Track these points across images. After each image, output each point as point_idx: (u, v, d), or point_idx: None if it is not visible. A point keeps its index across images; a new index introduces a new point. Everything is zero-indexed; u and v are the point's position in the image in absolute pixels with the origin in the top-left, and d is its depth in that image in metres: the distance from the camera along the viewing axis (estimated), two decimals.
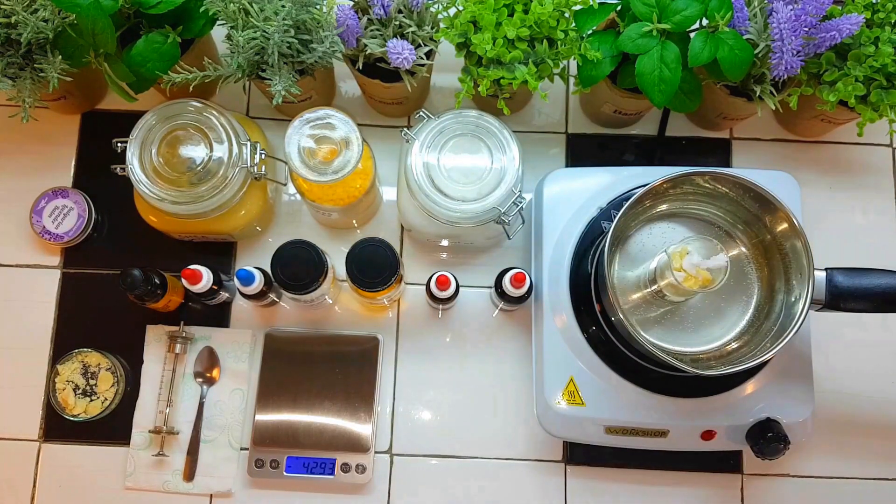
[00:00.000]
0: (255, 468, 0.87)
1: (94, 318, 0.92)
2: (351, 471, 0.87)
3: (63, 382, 0.89)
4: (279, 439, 0.88)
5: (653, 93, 0.78)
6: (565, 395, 0.80)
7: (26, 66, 0.79)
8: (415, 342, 0.92)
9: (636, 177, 0.84)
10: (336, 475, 0.87)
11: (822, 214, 0.96)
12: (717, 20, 0.77)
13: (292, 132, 0.76)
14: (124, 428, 0.89)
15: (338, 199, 0.83)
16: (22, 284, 0.93)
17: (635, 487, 0.89)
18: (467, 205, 0.77)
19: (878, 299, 0.72)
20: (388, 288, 0.79)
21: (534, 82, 0.78)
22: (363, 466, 0.87)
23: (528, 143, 0.96)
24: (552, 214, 0.85)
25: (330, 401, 0.89)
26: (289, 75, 0.77)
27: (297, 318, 0.93)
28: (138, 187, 0.79)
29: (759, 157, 0.98)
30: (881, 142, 0.99)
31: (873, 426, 0.92)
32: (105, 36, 0.76)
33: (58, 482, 0.89)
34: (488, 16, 0.76)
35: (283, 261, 0.78)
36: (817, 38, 0.77)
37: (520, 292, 0.81)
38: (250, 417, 0.89)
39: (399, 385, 0.91)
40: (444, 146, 0.79)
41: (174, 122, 0.80)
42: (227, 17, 0.76)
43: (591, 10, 0.80)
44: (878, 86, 0.79)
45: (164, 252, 0.93)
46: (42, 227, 0.92)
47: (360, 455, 0.87)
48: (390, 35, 0.80)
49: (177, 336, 0.90)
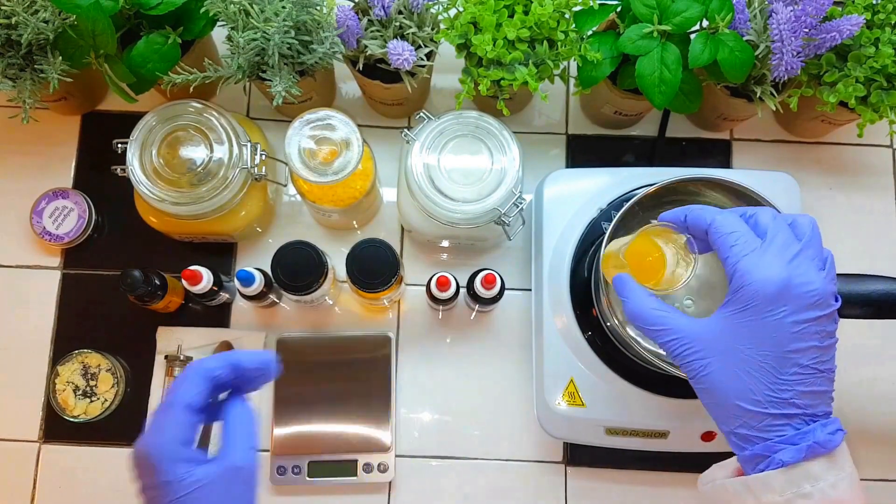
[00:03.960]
0: (276, 475, 0.87)
1: (94, 319, 0.92)
2: (373, 470, 0.87)
3: (63, 383, 0.89)
4: (299, 446, 0.88)
5: (653, 94, 0.78)
6: (565, 396, 0.80)
7: (27, 67, 0.79)
8: (415, 343, 0.92)
9: (636, 178, 0.84)
10: (358, 476, 0.87)
11: (822, 215, 0.96)
12: (718, 22, 0.77)
13: (292, 133, 0.76)
14: (124, 429, 0.89)
15: (338, 199, 0.83)
16: (22, 285, 0.93)
17: (635, 488, 0.89)
18: (467, 206, 0.77)
19: (874, 305, 0.72)
20: (388, 289, 0.79)
21: (534, 83, 0.78)
22: (385, 465, 0.87)
23: (529, 143, 0.96)
24: (552, 215, 0.85)
25: (347, 402, 0.89)
26: (289, 76, 0.77)
27: (298, 320, 0.93)
28: (138, 188, 0.79)
29: (760, 158, 0.98)
30: (881, 143, 0.99)
31: (873, 427, 0.92)
32: (105, 37, 0.76)
33: (58, 483, 0.89)
34: (488, 17, 0.76)
35: (283, 262, 0.78)
36: (817, 39, 0.77)
37: (491, 293, 0.81)
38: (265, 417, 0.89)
39: (399, 386, 0.91)
40: (445, 147, 0.79)
41: (174, 123, 0.80)
42: (227, 18, 0.76)
43: (592, 11, 0.80)
44: (878, 87, 0.79)
45: (164, 253, 0.93)
46: (42, 228, 0.92)
47: (381, 454, 0.87)
48: (391, 36, 0.80)
49: (175, 359, 0.89)
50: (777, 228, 0.54)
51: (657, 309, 0.56)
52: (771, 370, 0.51)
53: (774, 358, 0.51)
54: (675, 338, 0.54)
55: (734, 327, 0.52)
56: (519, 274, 0.93)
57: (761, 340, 0.51)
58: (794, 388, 0.51)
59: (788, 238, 0.53)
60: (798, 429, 0.51)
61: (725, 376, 0.52)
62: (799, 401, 0.51)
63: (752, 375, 0.51)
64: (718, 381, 0.52)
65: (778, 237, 0.53)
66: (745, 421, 0.52)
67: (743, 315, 0.52)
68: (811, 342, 0.51)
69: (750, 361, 0.51)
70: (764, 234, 0.54)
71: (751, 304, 0.51)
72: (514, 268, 0.93)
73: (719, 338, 0.52)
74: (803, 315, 0.51)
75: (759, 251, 0.52)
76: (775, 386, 0.51)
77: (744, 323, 0.52)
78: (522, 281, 0.93)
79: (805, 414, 0.51)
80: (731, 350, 0.52)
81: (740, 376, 0.52)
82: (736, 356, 0.52)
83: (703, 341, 0.53)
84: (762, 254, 0.52)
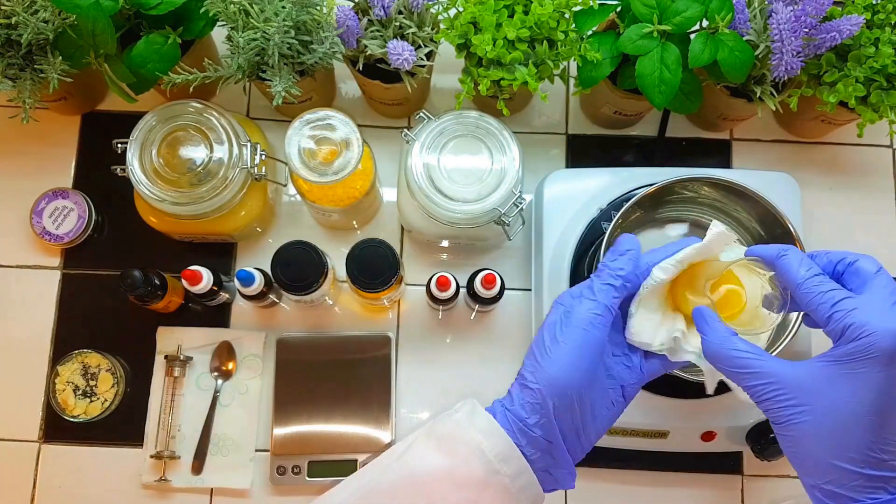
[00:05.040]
0: (276, 475, 0.87)
1: (94, 319, 0.92)
2: None
3: (63, 383, 0.89)
4: (299, 446, 0.88)
5: (653, 94, 0.78)
6: None
7: (26, 67, 0.79)
8: (415, 343, 0.92)
9: (636, 178, 0.84)
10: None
11: (823, 215, 0.96)
12: (718, 21, 0.77)
13: (292, 133, 0.76)
14: (124, 429, 0.89)
15: (338, 199, 0.83)
16: (22, 285, 0.93)
17: (635, 489, 0.89)
18: (467, 206, 0.77)
19: None
20: (388, 289, 0.79)
21: (534, 83, 0.78)
22: None
23: (529, 143, 0.96)
24: (552, 215, 0.85)
25: (347, 402, 0.89)
26: (289, 76, 0.77)
27: (298, 320, 0.93)
28: (138, 188, 0.79)
29: (760, 158, 0.98)
30: (881, 142, 0.99)
31: None
32: (105, 37, 0.76)
33: (57, 483, 0.89)
34: (488, 17, 0.76)
35: (283, 261, 0.78)
36: (817, 39, 0.77)
37: (491, 293, 0.81)
38: (265, 416, 0.89)
39: (399, 386, 0.91)
40: (445, 147, 0.79)
41: (174, 122, 0.80)
42: (227, 18, 0.76)
43: (591, 10, 0.80)
44: (878, 87, 0.79)
45: (164, 253, 0.93)
46: (42, 228, 0.92)
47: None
48: (390, 36, 0.80)
49: (175, 359, 0.89)
50: (885, 281, 0.50)
51: (743, 351, 0.51)
52: (874, 428, 0.47)
53: (880, 415, 0.47)
54: (765, 382, 0.50)
55: (839, 378, 0.48)
56: (519, 274, 0.93)
57: (870, 395, 0.47)
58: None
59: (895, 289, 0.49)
60: (893, 494, 0.47)
61: (820, 429, 0.48)
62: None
63: (851, 431, 0.47)
64: (812, 434, 0.48)
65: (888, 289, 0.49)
66: (835, 478, 0.48)
67: (852, 366, 0.47)
68: None
69: (851, 416, 0.47)
70: (864, 283, 0.50)
71: (869, 354, 0.47)
72: (514, 268, 0.93)
73: (818, 386, 0.48)
74: None
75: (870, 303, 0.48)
76: (876, 445, 0.47)
77: (851, 374, 0.47)
78: (522, 281, 0.93)
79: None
80: (830, 401, 0.48)
81: (837, 431, 0.47)
82: (835, 408, 0.47)
83: (799, 388, 0.49)
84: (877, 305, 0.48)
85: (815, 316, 0.50)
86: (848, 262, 0.52)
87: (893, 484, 0.47)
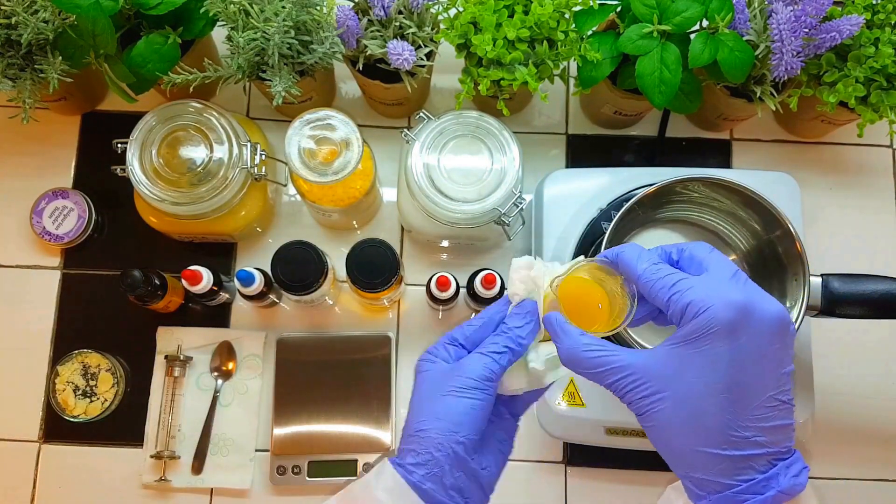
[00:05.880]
0: (276, 475, 0.87)
1: (94, 319, 0.92)
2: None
3: (63, 383, 0.89)
4: (299, 446, 0.88)
5: (653, 94, 0.78)
6: (565, 396, 0.80)
7: (27, 67, 0.79)
8: (415, 343, 0.92)
9: (636, 178, 0.84)
10: (358, 476, 0.87)
11: (822, 215, 0.96)
12: (718, 21, 0.77)
13: (292, 133, 0.76)
14: (124, 429, 0.89)
15: (338, 199, 0.83)
16: (22, 285, 0.93)
17: (635, 488, 0.89)
18: (467, 206, 0.77)
19: (874, 305, 0.72)
20: (388, 289, 0.79)
21: (534, 83, 0.78)
22: None
23: (529, 143, 0.96)
24: (552, 215, 0.85)
25: (347, 402, 0.89)
26: (289, 76, 0.77)
27: (298, 320, 0.93)
28: (138, 188, 0.79)
29: (760, 158, 0.98)
30: (881, 142, 0.99)
31: (873, 428, 0.92)
32: (105, 37, 0.76)
33: (57, 483, 0.89)
34: (488, 17, 0.76)
35: (283, 261, 0.78)
36: (817, 39, 0.77)
37: (491, 293, 0.81)
38: (265, 416, 0.89)
39: (399, 386, 0.91)
40: (445, 147, 0.79)
41: (174, 122, 0.80)
42: (227, 18, 0.76)
43: (591, 10, 0.80)
44: (878, 87, 0.79)
45: (164, 253, 0.93)
46: (42, 228, 0.92)
47: (381, 454, 0.87)
48: (390, 36, 0.80)
49: (175, 359, 0.89)
50: (719, 259, 0.49)
51: (596, 348, 0.49)
52: (729, 405, 0.45)
53: (733, 391, 0.45)
54: (622, 376, 0.47)
55: (686, 358, 0.46)
56: None
57: (718, 372, 0.45)
58: (757, 424, 0.45)
59: (732, 267, 0.48)
60: (763, 472, 0.45)
61: (679, 414, 0.46)
62: (761, 438, 0.45)
63: (707, 413, 0.45)
64: (672, 421, 0.46)
65: (723, 266, 0.48)
66: (700, 465, 0.46)
67: (697, 344, 0.45)
68: (773, 370, 0.45)
69: (704, 397, 0.45)
70: (700, 266, 0.49)
71: (710, 329, 0.45)
72: None
73: (670, 372, 0.46)
74: (765, 340, 0.45)
75: (707, 280, 0.47)
76: (735, 423, 0.45)
77: (698, 353, 0.45)
78: None
79: (769, 453, 0.45)
80: (683, 384, 0.46)
81: (695, 415, 0.45)
82: (689, 391, 0.45)
83: (653, 376, 0.47)
84: (713, 282, 0.47)
85: (658, 302, 0.49)
86: (681, 250, 0.51)
87: (760, 462, 0.45)
